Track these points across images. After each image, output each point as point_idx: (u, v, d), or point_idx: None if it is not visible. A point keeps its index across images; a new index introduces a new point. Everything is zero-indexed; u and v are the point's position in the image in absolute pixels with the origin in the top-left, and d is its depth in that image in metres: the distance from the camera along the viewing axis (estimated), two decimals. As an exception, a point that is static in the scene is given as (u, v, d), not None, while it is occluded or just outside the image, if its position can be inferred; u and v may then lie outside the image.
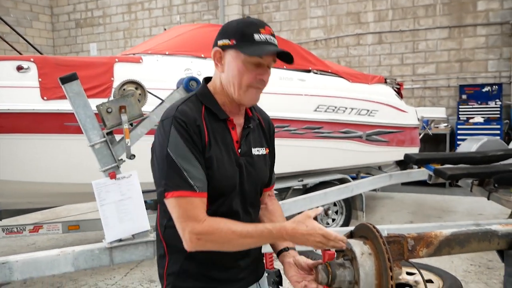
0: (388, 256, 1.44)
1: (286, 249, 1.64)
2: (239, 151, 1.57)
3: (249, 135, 1.62)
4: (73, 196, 4.40)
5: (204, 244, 1.43)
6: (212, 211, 1.49)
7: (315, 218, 1.49)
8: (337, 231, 1.60)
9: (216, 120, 1.54)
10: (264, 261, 1.90)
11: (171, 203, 1.44)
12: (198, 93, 1.60)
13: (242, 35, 1.47)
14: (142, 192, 2.70)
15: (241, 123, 1.61)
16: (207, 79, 1.64)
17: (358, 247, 1.49)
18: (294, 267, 1.55)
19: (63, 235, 5.80)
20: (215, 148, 1.51)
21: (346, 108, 5.59)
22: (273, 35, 1.51)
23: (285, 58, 1.52)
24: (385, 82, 6.70)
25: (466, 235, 1.77)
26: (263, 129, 1.71)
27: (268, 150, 1.70)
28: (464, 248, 1.78)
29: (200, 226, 1.41)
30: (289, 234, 1.41)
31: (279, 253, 1.65)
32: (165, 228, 1.59)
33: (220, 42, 1.52)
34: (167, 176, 1.44)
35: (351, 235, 1.62)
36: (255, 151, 1.63)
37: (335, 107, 5.47)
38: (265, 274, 1.81)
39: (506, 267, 1.93)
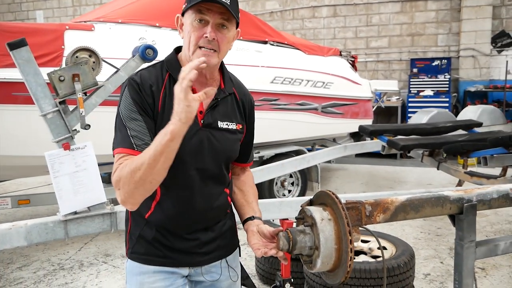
0: (347, 221, 1.46)
1: (252, 218, 1.65)
2: (201, 122, 1.53)
3: (217, 107, 1.58)
4: (22, 169, 4.24)
5: (125, 192, 1.36)
6: (167, 178, 1.45)
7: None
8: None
9: None
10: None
11: (114, 159, 1.44)
12: (165, 60, 1.59)
13: None
14: (98, 165, 2.64)
15: (211, 94, 1.54)
16: (178, 48, 1.61)
17: (318, 213, 1.50)
18: (256, 235, 1.56)
19: (12, 211, 5.61)
20: (168, 115, 1.44)
21: (302, 80, 5.63)
22: None
23: (233, 13, 1.48)
24: (340, 55, 6.77)
25: (420, 200, 1.82)
26: (238, 103, 1.67)
27: (240, 126, 1.65)
28: (419, 213, 1.83)
29: (114, 175, 1.38)
30: (168, 124, 1.31)
31: (244, 222, 1.66)
32: None
33: (182, 8, 1.54)
34: (115, 134, 1.46)
35: (310, 202, 1.63)
36: (223, 124, 1.59)
37: (292, 79, 5.48)
38: (236, 252, 1.77)
39: (457, 231, 1.98)
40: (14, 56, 2.37)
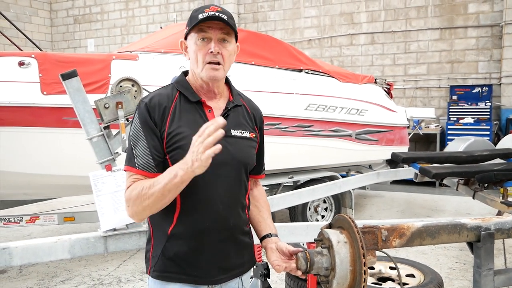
0: (361, 244, 1.54)
1: (269, 235, 1.73)
2: None
3: (228, 117, 1.66)
4: (69, 188, 4.51)
5: (134, 211, 1.53)
6: (186, 188, 1.52)
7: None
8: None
9: (189, 103, 1.64)
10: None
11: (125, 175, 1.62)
12: (175, 81, 1.72)
13: (191, 19, 1.62)
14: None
15: (221, 106, 1.69)
16: (186, 72, 1.75)
17: (335, 236, 1.59)
18: (276, 253, 1.65)
19: (57, 228, 5.92)
20: (180, 129, 1.59)
21: (336, 107, 5.72)
22: (220, 12, 1.58)
23: (231, 26, 1.60)
24: (375, 82, 6.82)
25: (436, 227, 1.87)
26: (249, 115, 1.76)
27: (254, 135, 1.74)
28: (435, 239, 1.87)
29: (126, 193, 1.55)
30: (178, 166, 1.41)
31: (262, 239, 1.74)
32: None
33: (184, 32, 1.68)
34: (126, 153, 1.62)
35: (330, 226, 1.73)
36: (237, 132, 1.67)
37: (326, 106, 5.59)
38: (250, 271, 1.83)
39: (475, 258, 2.01)
40: (66, 86, 2.63)
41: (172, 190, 1.44)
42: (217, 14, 1.57)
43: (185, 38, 1.68)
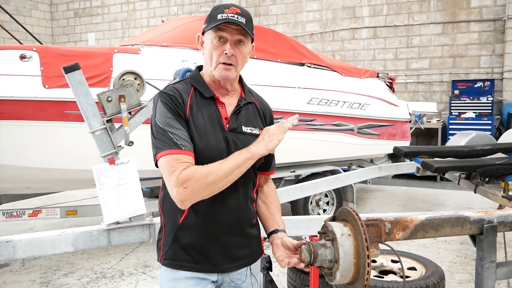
0: (365, 237, 1.54)
1: (276, 230, 1.76)
2: (227, 126, 1.69)
3: (240, 114, 1.73)
4: (71, 182, 4.52)
5: (192, 191, 1.51)
6: None
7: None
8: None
9: (204, 98, 1.69)
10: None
11: (161, 163, 1.57)
12: (189, 76, 1.77)
13: (210, 17, 1.66)
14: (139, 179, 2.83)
15: (233, 103, 1.74)
16: (200, 67, 1.79)
17: (339, 228, 1.60)
18: (281, 248, 1.68)
19: (60, 221, 5.93)
20: (197, 122, 1.64)
21: (338, 101, 5.72)
22: (239, 14, 1.62)
23: (250, 31, 1.65)
24: (377, 77, 6.81)
25: (440, 220, 1.88)
26: (259, 111, 1.82)
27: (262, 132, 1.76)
28: (438, 232, 1.88)
29: (182, 174, 1.51)
30: (250, 147, 1.59)
31: (269, 234, 1.77)
32: (163, 200, 1.73)
33: (202, 28, 1.72)
34: (157, 141, 1.60)
35: (333, 218, 1.73)
36: (247, 129, 1.72)
37: (328, 100, 5.59)
38: (258, 261, 1.87)
39: (477, 251, 2.02)
40: (68, 79, 2.62)
41: (240, 166, 1.55)
42: (235, 17, 1.60)
43: (203, 33, 1.72)
